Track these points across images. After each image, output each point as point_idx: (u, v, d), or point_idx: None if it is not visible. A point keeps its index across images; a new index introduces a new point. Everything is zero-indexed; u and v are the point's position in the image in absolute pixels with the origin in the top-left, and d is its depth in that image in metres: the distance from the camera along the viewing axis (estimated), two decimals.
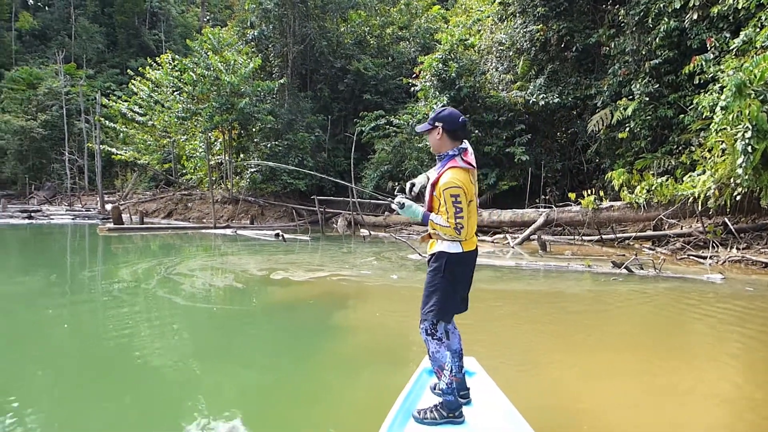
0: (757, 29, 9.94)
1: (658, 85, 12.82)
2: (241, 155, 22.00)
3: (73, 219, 22.67)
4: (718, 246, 9.94)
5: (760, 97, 8.49)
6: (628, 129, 13.33)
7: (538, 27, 15.66)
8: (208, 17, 52.31)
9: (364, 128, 19.53)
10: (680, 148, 12.62)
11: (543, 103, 15.37)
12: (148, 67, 24.82)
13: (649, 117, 12.90)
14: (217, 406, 3.49)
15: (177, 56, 23.29)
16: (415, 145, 17.98)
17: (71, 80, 37.43)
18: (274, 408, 3.61)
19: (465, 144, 2.81)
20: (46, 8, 53.20)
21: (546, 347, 4.82)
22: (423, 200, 2.88)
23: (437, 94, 16.80)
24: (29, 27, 48.98)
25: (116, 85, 38.89)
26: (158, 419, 3.37)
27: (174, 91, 22.15)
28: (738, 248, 9.72)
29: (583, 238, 12.55)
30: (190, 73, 19.61)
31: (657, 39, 12.70)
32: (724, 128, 9.32)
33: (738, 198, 9.53)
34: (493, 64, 18.16)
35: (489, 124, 16.68)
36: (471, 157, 2.79)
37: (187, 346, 5.00)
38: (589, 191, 12.43)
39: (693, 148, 11.79)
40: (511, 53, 17.40)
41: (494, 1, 18.32)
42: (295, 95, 21.98)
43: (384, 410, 2.79)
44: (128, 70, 28.79)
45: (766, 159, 8.61)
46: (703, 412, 3.44)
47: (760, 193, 9.08)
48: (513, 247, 12.13)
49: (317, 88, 23.09)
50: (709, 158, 10.46)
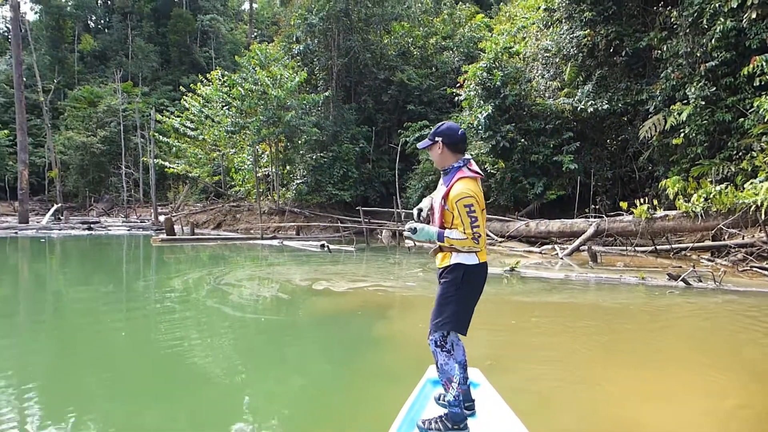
0: None
1: (714, 88, 12.26)
2: (288, 167, 22.43)
3: (128, 230, 23.61)
4: None
5: None
6: (682, 135, 12.79)
7: (585, 32, 15.31)
8: (255, 34, 53.85)
9: (408, 139, 19.56)
10: (740, 154, 11.99)
11: (592, 109, 14.96)
12: (199, 84, 25.74)
13: (705, 122, 12.35)
14: (265, 413, 3.55)
15: (226, 72, 24.06)
16: None
17: (128, 97, 39.21)
18: (318, 415, 3.63)
19: (468, 155, 2.85)
20: (106, 30, 56.08)
21: (597, 364, 4.63)
22: (432, 223, 2.91)
23: (482, 103, 16.64)
24: (90, 48, 51.74)
25: (169, 101, 40.48)
26: (208, 423, 3.46)
27: (223, 106, 22.85)
28: None
29: (636, 248, 12.09)
30: (239, 88, 20.20)
31: (713, 40, 12.18)
32: None
33: None
34: (539, 72, 17.86)
35: (535, 132, 16.38)
36: (476, 167, 2.85)
37: (236, 354, 5.08)
38: (642, 200, 11.97)
39: (754, 154, 11.20)
40: (557, 60, 17.06)
41: (539, 8, 18.06)
42: (339, 107, 22.27)
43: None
44: (180, 87, 29.97)
45: None
46: None
47: None
48: (562, 259, 11.81)
49: (361, 100, 23.32)
50: None
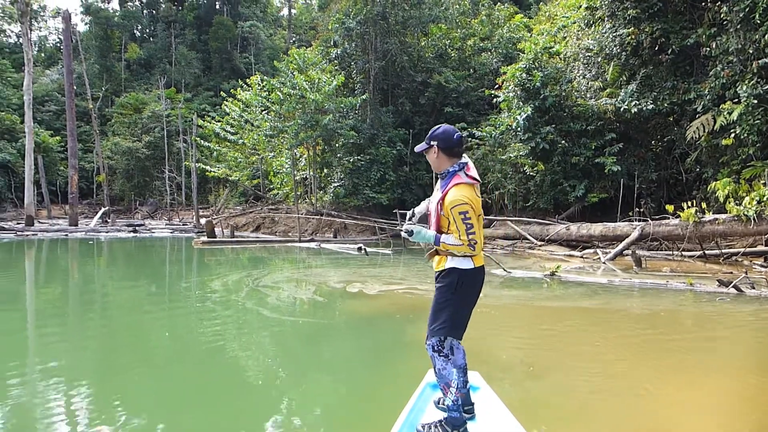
0: None
1: None
2: (325, 170, 22.62)
3: (171, 232, 24.26)
4: None
5: None
6: (733, 135, 12.25)
7: (629, 30, 14.87)
8: (294, 39, 54.71)
9: None
10: None
11: (636, 110, 14.51)
12: (239, 89, 26.33)
13: (758, 121, 11.80)
14: (300, 415, 3.57)
15: (265, 77, 24.49)
16: (498, 157, 17.64)
17: (171, 104, 40.39)
18: (352, 418, 3.62)
19: (465, 159, 2.82)
20: (151, 39, 57.99)
21: (641, 373, 4.45)
22: (428, 225, 2.89)
23: (521, 104, 16.40)
24: (136, 57, 53.58)
25: (210, 106, 41.48)
26: (244, 422, 3.51)
27: (262, 111, 23.28)
28: None
29: (683, 253, 11.66)
30: (278, 93, 20.53)
31: (766, 36, 11.64)
32: None
33: None
34: (580, 72, 17.46)
35: (576, 133, 16.03)
36: (474, 172, 2.81)
37: (273, 355, 5.12)
38: (690, 203, 11.53)
39: None
40: (599, 59, 16.64)
41: (580, 6, 17.66)
42: (376, 110, 22.33)
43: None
44: (221, 92, 30.69)
45: None
46: None
47: None
48: (604, 263, 11.48)
49: (398, 103, 23.32)
50: None
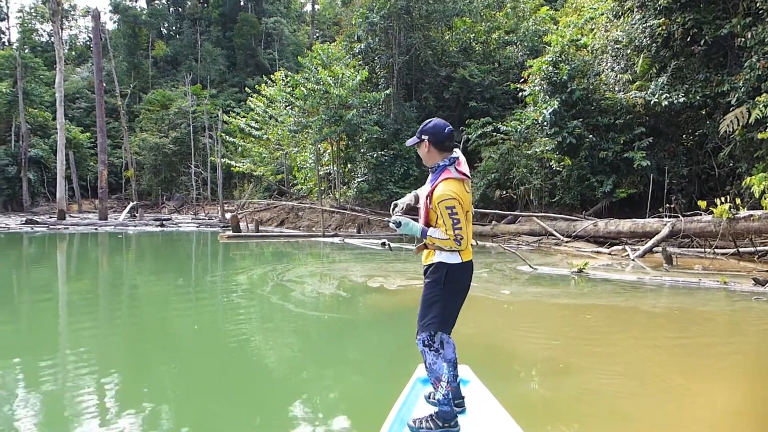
0: None
1: None
2: (349, 165, 22.63)
3: (197, 227, 24.61)
4: None
5: None
6: None
7: (660, 21, 14.48)
8: (317, 34, 54.81)
9: (470, 136, 19.25)
10: None
11: (666, 103, 14.13)
12: (263, 85, 26.50)
13: None
14: (322, 409, 3.58)
15: (289, 73, 24.57)
16: (524, 152, 17.39)
17: (197, 100, 40.89)
18: (374, 413, 3.56)
19: (456, 153, 2.83)
20: (177, 36, 58.76)
21: (672, 373, 4.32)
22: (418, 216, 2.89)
23: (547, 98, 16.15)
24: (163, 54, 54.37)
25: (235, 102, 41.86)
26: (267, 415, 3.55)
27: (286, 106, 23.37)
28: None
29: (716, 251, 11.32)
30: (301, 88, 20.58)
31: None
32: None
33: None
34: (609, 64, 17.09)
35: (604, 127, 15.72)
36: (464, 167, 2.80)
37: (297, 349, 5.13)
38: (723, 199, 11.19)
39: None
40: (628, 51, 16.25)
41: None
42: (400, 105, 22.24)
43: None
44: (246, 88, 30.96)
45: None
46: None
47: None
48: (633, 260, 11.24)
49: (422, 97, 23.18)
50: None
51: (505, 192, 18.15)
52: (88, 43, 55.59)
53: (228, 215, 25.03)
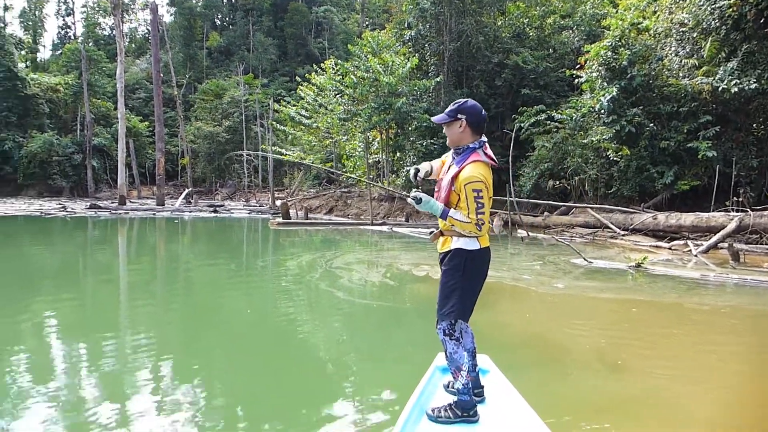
0: None
1: None
2: (398, 154, 22.53)
3: (249, 213, 25.17)
4: None
5: None
6: None
7: (731, 1, 13.56)
8: (367, 22, 54.72)
9: (522, 124, 18.72)
10: None
11: (736, 90, 13.26)
12: (313, 73, 26.69)
13: None
14: (365, 395, 3.61)
15: (339, 61, 24.59)
16: (579, 141, 16.78)
17: (249, 89, 41.70)
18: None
19: (484, 138, 2.78)
20: (230, 27, 60.04)
21: (737, 378, 4.04)
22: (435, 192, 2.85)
23: (605, 85, 15.49)
24: (217, 44, 55.68)
25: (286, 91, 42.44)
26: (310, 397, 3.60)
27: (336, 95, 23.44)
28: None
29: None
30: (351, 76, 20.57)
31: None
32: None
33: None
34: (673, 49, 16.18)
35: (666, 116, 14.96)
36: (490, 152, 2.77)
37: (343, 336, 5.13)
38: None
39: None
40: (695, 35, 15.33)
41: None
42: (450, 93, 21.88)
43: None
44: (296, 77, 31.33)
45: None
46: None
47: None
48: (696, 256, 10.67)
49: (473, 85, 22.72)
50: None
51: (558, 182, 17.58)
52: (147, 36, 57.59)
53: (278, 202, 25.47)
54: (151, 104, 36.96)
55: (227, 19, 62.57)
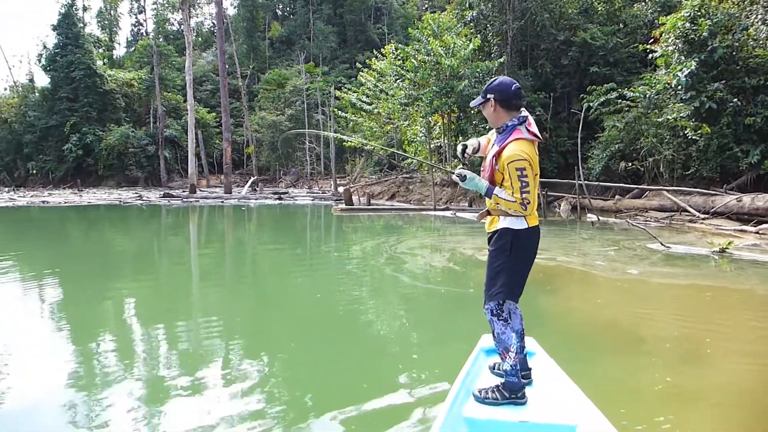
0: None
1: None
2: (460, 138, 22.16)
3: (312, 200, 25.64)
4: None
5: None
6: None
7: None
8: (426, 5, 53.90)
9: (591, 104, 17.89)
10: None
11: None
12: (373, 59, 26.64)
13: None
14: (426, 375, 3.60)
15: (399, 45, 24.40)
16: (654, 120, 15.87)
17: (310, 77, 42.24)
18: None
19: (525, 113, 2.65)
20: (291, 17, 60.90)
21: None
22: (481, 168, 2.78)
23: (682, 59, 14.56)
24: (278, 35, 56.66)
25: (346, 78, 42.67)
26: (374, 379, 3.63)
27: (396, 79, 23.31)
28: None
29: None
30: (412, 60, 20.36)
31: None
32: None
33: None
34: (760, 17, 14.89)
35: (752, 90, 13.91)
36: (534, 127, 2.64)
37: (407, 320, 5.10)
38: None
39: None
40: None
41: None
42: (514, 74, 21.20)
43: None
44: (356, 64, 31.35)
45: None
46: None
47: None
48: None
49: (538, 65, 21.94)
50: None
51: (630, 164, 16.71)
52: (212, 29, 59.42)
53: (341, 189, 25.77)
54: (218, 96, 38.21)
55: (288, 9, 63.47)
